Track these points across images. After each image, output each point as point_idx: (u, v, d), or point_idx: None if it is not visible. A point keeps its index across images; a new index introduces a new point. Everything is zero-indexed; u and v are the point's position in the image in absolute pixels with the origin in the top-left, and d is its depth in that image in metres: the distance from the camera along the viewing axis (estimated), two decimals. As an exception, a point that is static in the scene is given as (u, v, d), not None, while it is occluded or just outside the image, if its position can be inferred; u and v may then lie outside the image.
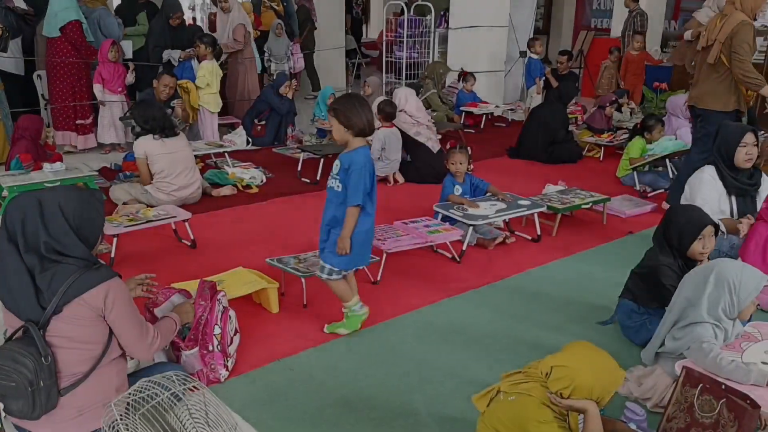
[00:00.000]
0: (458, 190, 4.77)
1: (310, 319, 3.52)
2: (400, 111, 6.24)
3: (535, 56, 9.15)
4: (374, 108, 6.42)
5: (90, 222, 2.29)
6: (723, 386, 2.24)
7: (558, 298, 3.83)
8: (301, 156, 6.51)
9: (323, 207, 3.28)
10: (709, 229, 3.12)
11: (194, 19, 13.22)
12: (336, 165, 3.22)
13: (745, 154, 4.04)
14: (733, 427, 2.14)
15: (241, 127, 7.39)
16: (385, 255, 3.95)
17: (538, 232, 4.72)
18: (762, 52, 9.13)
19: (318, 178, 6.12)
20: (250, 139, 7.23)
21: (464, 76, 8.94)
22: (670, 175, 5.95)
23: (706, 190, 4.06)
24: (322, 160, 6.21)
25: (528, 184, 5.85)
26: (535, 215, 4.69)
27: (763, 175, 4.23)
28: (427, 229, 4.26)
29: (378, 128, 6.18)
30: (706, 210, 4.07)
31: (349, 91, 12.23)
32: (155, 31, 7.86)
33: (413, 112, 6.31)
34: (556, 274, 4.20)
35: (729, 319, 2.61)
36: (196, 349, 2.82)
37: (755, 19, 4.79)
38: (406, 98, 6.38)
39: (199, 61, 7.20)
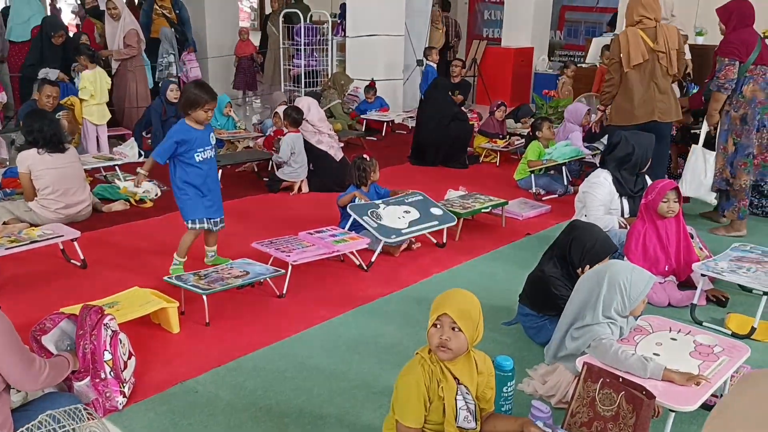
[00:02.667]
0: (356, 195, 4.78)
1: (213, 337, 3.39)
2: (303, 119, 6.19)
3: (432, 64, 9.35)
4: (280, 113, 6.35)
5: None
6: (620, 379, 2.34)
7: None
8: (199, 167, 6.29)
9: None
10: (608, 257, 3.21)
11: (78, 26, 12.54)
12: None
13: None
14: (632, 418, 2.24)
15: (132, 138, 7.07)
16: (290, 267, 3.87)
17: (444, 240, 4.80)
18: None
19: (217, 189, 5.94)
20: (142, 152, 6.92)
21: (370, 86, 9.06)
22: (565, 181, 6.21)
23: (602, 191, 4.33)
24: (220, 170, 6.02)
25: (430, 190, 5.94)
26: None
27: (647, 179, 4.53)
28: (333, 239, 4.22)
29: (285, 134, 6.10)
30: (599, 208, 4.33)
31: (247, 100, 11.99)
32: (34, 49, 7.50)
33: (315, 121, 6.28)
34: (461, 277, 4.27)
35: (622, 317, 2.74)
36: (88, 378, 2.64)
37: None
38: (309, 107, 6.33)
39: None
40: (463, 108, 9.08)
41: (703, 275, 3.67)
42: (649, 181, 4.48)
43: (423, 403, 2.12)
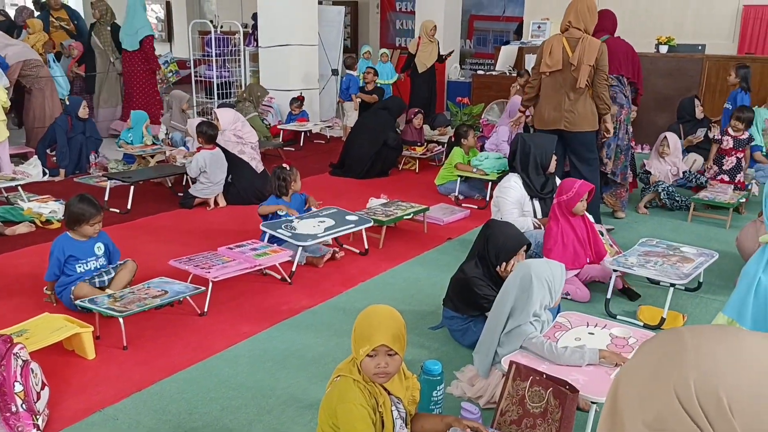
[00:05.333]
0: (283, 209, 4.74)
1: (132, 361, 3.24)
2: (227, 131, 6.04)
3: (353, 73, 9.40)
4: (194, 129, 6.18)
5: None
6: (545, 375, 2.41)
7: (392, 307, 3.91)
8: (108, 184, 6.04)
9: (136, 239, 3.06)
10: (523, 248, 3.34)
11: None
12: None
13: (555, 161, 4.57)
14: (558, 412, 2.31)
15: (35, 156, 6.70)
16: (211, 284, 3.77)
17: (366, 246, 4.81)
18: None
19: (129, 207, 5.72)
20: (46, 170, 6.57)
21: (299, 100, 9.04)
22: (488, 188, 6.30)
23: (513, 194, 4.47)
24: (132, 187, 5.81)
25: (351, 199, 5.95)
26: (362, 229, 4.78)
27: (557, 179, 4.71)
28: (254, 253, 4.13)
29: (199, 150, 5.94)
30: (513, 211, 4.47)
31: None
32: None
33: (240, 133, 6.13)
34: (386, 284, 4.29)
35: (545, 312, 2.85)
36: (-3, 414, 2.47)
37: None
38: (236, 120, 6.20)
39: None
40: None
41: (614, 270, 3.85)
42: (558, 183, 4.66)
43: (371, 424, 2.09)
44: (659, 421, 0.84)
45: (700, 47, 8.82)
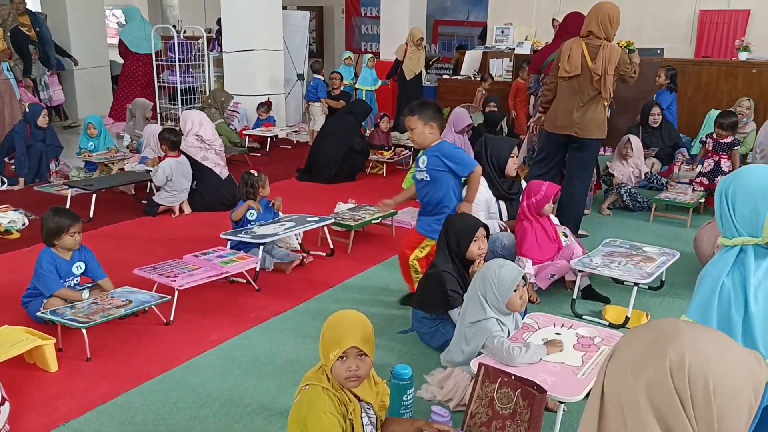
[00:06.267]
0: (253, 215, 4.72)
1: (96, 373, 3.17)
2: (189, 135, 5.96)
3: (320, 77, 9.38)
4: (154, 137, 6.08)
5: None
6: (513, 377, 2.43)
7: (359, 312, 3.90)
8: (69, 192, 5.91)
9: (99, 248, 3.00)
10: (481, 231, 3.42)
11: None
12: None
13: (513, 164, 4.58)
14: (527, 413, 2.33)
15: (-8, 165, 6.54)
16: (176, 293, 3.71)
17: (331, 246, 4.82)
18: (509, 71, 10.31)
19: (91, 215, 5.60)
20: (4, 179, 6.41)
21: (266, 105, 9.01)
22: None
23: (479, 196, 4.49)
24: (94, 195, 5.69)
25: (319, 204, 5.93)
26: (326, 231, 4.80)
27: (523, 182, 4.76)
28: (221, 260, 4.09)
29: (164, 158, 5.85)
30: (480, 213, 4.51)
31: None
32: None
33: (205, 137, 6.05)
34: (355, 289, 4.28)
35: (503, 314, 2.88)
36: (-45, 431, 2.40)
37: None
38: (200, 122, 6.11)
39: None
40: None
41: (579, 271, 3.91)
42: (524, 185, 4.73)
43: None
44: (650, 387, 0.89)
45: (659, 51, 9.02)
